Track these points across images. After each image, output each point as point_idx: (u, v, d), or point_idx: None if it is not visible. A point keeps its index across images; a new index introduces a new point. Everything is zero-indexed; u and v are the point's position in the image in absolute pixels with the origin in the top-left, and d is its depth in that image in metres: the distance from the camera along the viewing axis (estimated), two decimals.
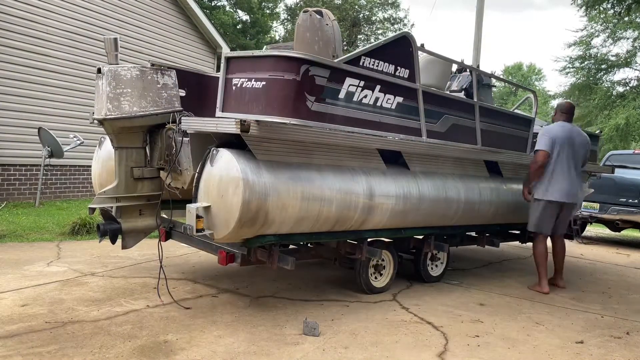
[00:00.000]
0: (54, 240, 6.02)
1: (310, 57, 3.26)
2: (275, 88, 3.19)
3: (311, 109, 3.27)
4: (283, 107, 3.17)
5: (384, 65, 3.76)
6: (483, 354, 3.24)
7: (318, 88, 3.29)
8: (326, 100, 3.38)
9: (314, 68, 3.23)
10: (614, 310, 4.56)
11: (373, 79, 3.69)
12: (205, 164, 3.33)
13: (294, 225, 3.50)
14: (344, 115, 3.53)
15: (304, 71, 3.17)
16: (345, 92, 3.51)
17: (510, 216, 5.51)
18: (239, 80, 3.39)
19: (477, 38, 12.74)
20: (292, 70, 3.16)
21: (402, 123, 3.96)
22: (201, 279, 4.56)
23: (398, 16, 30.94)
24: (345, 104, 3.52)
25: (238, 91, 3.39)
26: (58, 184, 9.33)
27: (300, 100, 3.20)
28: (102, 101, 3.50)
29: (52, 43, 9.00)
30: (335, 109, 3.46)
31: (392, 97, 3.84)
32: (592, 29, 16.99)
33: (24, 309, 3.49)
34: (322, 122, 3.38)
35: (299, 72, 3.16)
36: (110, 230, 3.66)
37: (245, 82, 3.34)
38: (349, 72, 3.51)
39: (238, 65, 3.44)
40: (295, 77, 3.15)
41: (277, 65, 3.20)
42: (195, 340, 3.13)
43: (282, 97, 3.18)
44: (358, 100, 3.61)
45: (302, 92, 3.20)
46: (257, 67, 3.31)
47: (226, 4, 27.11)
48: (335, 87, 3.43)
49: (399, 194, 4.07)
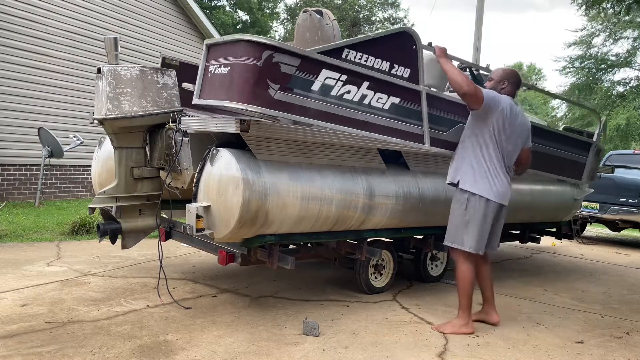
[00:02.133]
0: (54, 240, 6.02)
1: (276, 43, 3.09)
2: (237, 73, 3.11)
3: (274, 97, 3.08)
4: (242, 93, 3.07)
5: (375, 61, 3.48)
6: (483, 354, 3.24)
7: (283, 76, 3.11)
8: (294, 91, 3.16)
9: (278, 55, 3.06)
10: (614, 310, 4.56)
11: (358, 74, 3.40)
12: (205, 164, 3.33)
13: (293, 225, 3.50)
14: (318, 108, 3.27)
15: (266, 57, 3.02)
16: (321, 84, 3.25)
17: (510, 216, 5.50)
18: (214, 66, 3.34)
19: (477, 38, 12.75)
20: (253, 55, 3.04)
21: (397, 126, 3.64)
22: (201, 279, 4.56)
23: (398, 16, 30.97)
24: (320, 97, 3.27)
25: (211, 77, 3.35)
26: (58, 184, 9.33)
27: (261, 87, 3.04)
28: (102, 101, 3.50)
29: (52, 43, 9.00)
30: (307, 100, 3.21)
31: (385, 97, 3.55)
32: (593, 28, 17.00)
33: (24, 309, 3.49)
34: (288, 113, 3.18)
35: (260, 58, 3.02)
36: (110, 230, 3.66)
37: (217, 68, 3.29)
38: (326, 64, 3.26)
39: (215, 51, 3.40)
40: (256, 62, 3.02)
41: (240, 50, 3.11)
42: (195, 340, 3.13)
43: (241, 82, 3.07)
44: (337, 94, 3.33)
45: (263, 78, 3.05)
46: (227, 52, 3.23)
47: (226, 4, 27.12)
48: (307, 78, 3.20)
49: (399, 193, 4.07)
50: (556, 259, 7.22)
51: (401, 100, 3.63)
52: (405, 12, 38.55)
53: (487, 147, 3.62)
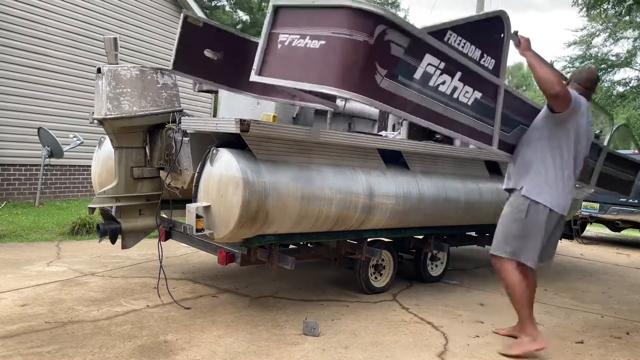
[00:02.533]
0: (54, 240, 6.02)
1: (391, 16, 2.57)
2: (339, 50, 2.55)
3: (379, 85, 2.62)
4: (344, 77, 2.55)
5: (471, 48, 3.03)
6: (483, 354, 3.24)
7: (392, 59, 2.63)
8: (398, 78, 2.70)
9: (392, 32, 2.55)
10: (614, 310, 4.56)
11: (456, 63, 2.97)
12: (205, 164, 3.33)
13: (293, 225, 3.50)
14: (415, 101, 2.84)
15: (379, 33, 2.51)
16: (422, 72, 2.80)
17: None
18: (288, 36, 2.76)
19: None
20: (364, 28, 2.50)
21: (474, 125, 3.24)
22: (201, 279, 4.56)
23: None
24: (419, 87, 2.83)
25: (285, 50, 2.77)
26: (58, 184, 9.33)
27: (368, 71, 2.56)
28: (101, 101, 3.50)
29: (52, 43, 9.00)
30: (407, 91, 2.77)
31: (471, 91, 3.12)
32: (593, 28, 16.99)
33: (24, 309, 3.49)
34: (390, 105, 2.74)
35: (372, 33, 2.49)
36: (110, 230, 3.66)
37: (297, 39, 2.71)
38: (431, 47, 2.80)
39: (290, 17, 2.81)
40: (367, 39, 2.49)
41: (345, 20, 2.53)
42: (195, 340, 3.13)
43: (346, 62, 2.55)
44: (434, 85, 2.90)
45: (372, 60, 2.55)
46: (317, 20, 2.66)
47: (226, 4, 27.12)
48: (412, 63, 2.75)
49: (399, 193, 4.07)
50: (556, 259, 7.21)
51: (482, 95, 3.24)
52: (406, 12, 38.52)
53: (560, 152, 3.29)
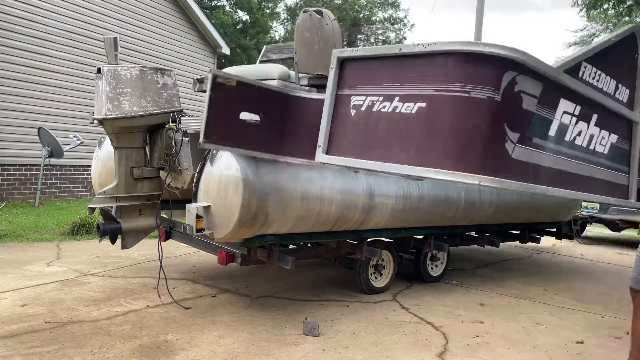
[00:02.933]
0: (54, 240, 6.02)
1: (522, 55, 1.85)
2: (449, 115, 1.84)
3: (511, 156, 1.90)
4: (463, 154, 1.81)
5: (605, 79, 2.36)
6: (483, 354, 3.24)
7: (525, 116, 1.92)
8: (533, 141, 1.98)
9: (523, 79, 1.83)
10: (614, 310, 4.56)
11: (592, 103, 2.28)
12: (205, 164, 3.33)
13: (293, 225, 3.50)
14: (551, 167, 2.12)
15: (508, 82, 1.79)
16: (558, 125, 2.10)
17: (510, 216, 5.51)
18: (365, 98, 2.09)
19: (477, 38, 12.74)
20: (488, 80, 1.77)
21: (609, 177, 2.52)
22: (201, 279, 4.56)
23: (398, 16, 30.99)
24: (555, 146, 2.11)
25: (362, 118, 2.11)
26: (58, 184, 9.33)
27: (496, 139, 1.85)
28: (102, 101, 3.50)
29: (52, 43, 9.00)
30: (542, 155, 2.06)
31: (607, 136, 2.42)
32: (593, 28, 17.00)
33: (24, 309, 3.49)
34: (524, 181, 2.00)
35: (499, 85, 1.78)
36: (110, 230, 3.66)
37: (380, 102, 2.03)
38: (566, 89, 2.10)
39: (365, 71, 2.11)
40: (492, 95, 1.77)
41: (458, 71, 1.81)
42: (195, 340, 3.13)
43: (462, 132, 1.82)
44: (570, 140, 2.19)
45: (500, 123, 1.83)
46: (410, 74, 1.93)
47: (226, 4, 27.11)
48: (546, 116, 2.03)
49: (399, 193, 4.07)
50: (556, 259, 7.22)
51: (618, 138, 2.52)
52: (406, 12, 38.57)
53: None
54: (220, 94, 2.63)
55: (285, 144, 2.91)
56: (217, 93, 2.64)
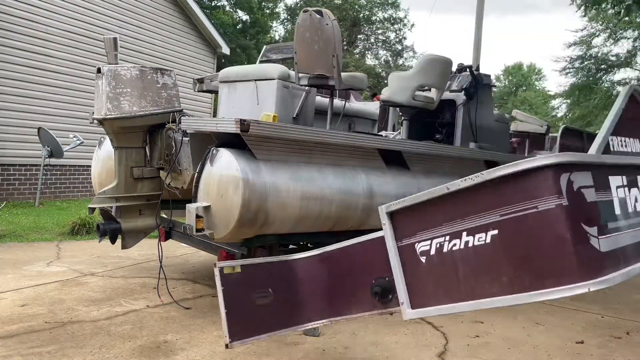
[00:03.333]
0: (54, 240, 6.02)
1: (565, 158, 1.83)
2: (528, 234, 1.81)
3: (601, 250, 1.86)
4: (560, 269, 1.78)
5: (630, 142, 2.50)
6: (483, 354, 3.24)
7: (593, 208, 1.91)
8: (609, 227, 1.97)
9: (576, 175, 1.84)
10: (615, 310, 4.56)
11: (632, 167, 2.36)
12: (205, 164, 3.33)
13: (293, 225, 3.50)
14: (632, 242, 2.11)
15: (567, 184, 1.79)
16: (619, 201, 2.12)
17: None
18: (430, 242, 2.04)
19: (477, 39, 12.74)
20: (549, 189, 1.77)
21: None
22: (201, 279, 4.56)
23: (398, 16, 31.00)
24: (626, 222, 2.12)
25: (435, 263, 2.04)
26: (58, 184, 9.33)
27: (582, 241, 1.80)
28: (101, 101, 3.50)
29: (52, 43, 9.00)
30: (623, 236, 2.04)
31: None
32: (593, 28, 17.01)
33: (24, 309, 3.49)
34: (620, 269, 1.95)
35: (561, 190, 1.76)
36: (110, 230, 3.66)
37: (447, 242, 1.99)
38: (610, 167, 2.16)
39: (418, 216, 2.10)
40: (559, 201, 1.76)
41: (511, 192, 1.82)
42: (195, 340, 3.13)
43: (549, 248, 1.78)
44: (634, 209, 2.23)
45: (577, 224, 1.79)
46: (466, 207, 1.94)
47: (226, 4, 27.12)
48: (607, 199, 2.04)
49: (399, 193, 4.07)
50: None
51: None
52: (406, 12, 38.55)
53: None
54: (230, 286, 2.65)
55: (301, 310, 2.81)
56: (227, 286, 2.64)
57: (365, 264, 2.30)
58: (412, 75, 4.48)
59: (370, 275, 2.35)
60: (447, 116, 5.12)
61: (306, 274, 2.73)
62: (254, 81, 3.97)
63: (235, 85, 4.15)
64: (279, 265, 2.86)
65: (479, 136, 5.09)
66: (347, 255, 2.59)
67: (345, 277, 2.59)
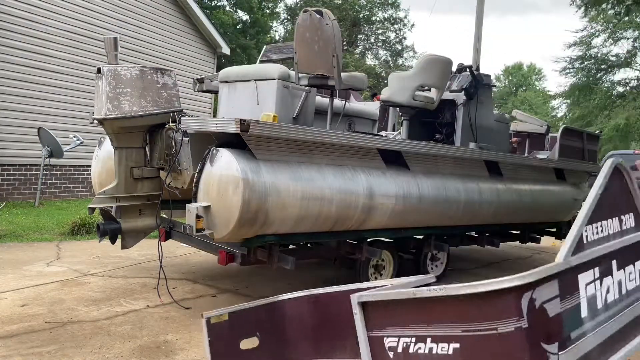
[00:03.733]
0: (54, 240, 6.02)
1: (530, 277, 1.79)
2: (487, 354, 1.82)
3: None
4: None
5: (608, 224, 2.30)
6: None
7: (556, 323, 1.87)
8: (571, 337, 1.92)
9: (540, 291, 1.82)
10: None
11: (608, 255, 2.22)
12: (205, 164, 3.33)
13: (294, 225, 3.50)
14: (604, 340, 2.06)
15: (528, 304, 1.77)
16: (587, 301, 2.04)
17: (510, 216, 5.51)
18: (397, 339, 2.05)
19: (477, 39, 12.75)
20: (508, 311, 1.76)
21: None
22: (201, 279, 4.56)
23: (398, 16, 31.00)
24: (592, 323, 2.04)
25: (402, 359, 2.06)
26: (58, 184, 9.33)
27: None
28: (101, 101, 3.50)
29: (52, 43, 9.00)
30: (589, 341, 1.98)
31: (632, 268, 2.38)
32: (593, 29, 17.01)
33: (24, 309, 3.49)
34: None
35: (521, 312, 1.75)
36: (110, 230, 3.66)
37: (414, 343, 1.99)
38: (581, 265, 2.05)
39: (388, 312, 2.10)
40: (519, 323, 1.74)
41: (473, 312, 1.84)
42: (195, 340, 3.13)
43: None
44: (604, 303, 2.14)
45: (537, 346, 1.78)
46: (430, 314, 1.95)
47: (226, 4, 27.12)
48: (573, 304, 1.97)
49: (399, 193, 4.07)
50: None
51: None
52: (406, 12, 38.57)
53: None
54: (216, 336, 2.63)
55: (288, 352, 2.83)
56: (214, 337, 2.63)
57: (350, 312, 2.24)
58: (412, 75, 4.49)
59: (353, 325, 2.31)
60: (447, 116, 5.13)
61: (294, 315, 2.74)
62: (254, 81, 3.97)
63: (235, 85, 4.16)
64: (267, 308, 2.87)
65: (479, 136, 5.09)
66: (334, 300, 2.59)
67: (332, 322, 2.59)
